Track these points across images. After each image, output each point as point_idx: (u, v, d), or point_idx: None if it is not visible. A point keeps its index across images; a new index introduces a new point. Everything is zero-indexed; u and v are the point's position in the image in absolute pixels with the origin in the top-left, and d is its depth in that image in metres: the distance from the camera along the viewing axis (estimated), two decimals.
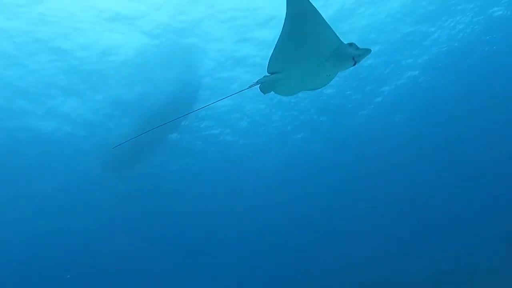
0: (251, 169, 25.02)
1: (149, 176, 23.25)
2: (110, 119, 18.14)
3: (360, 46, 4.02)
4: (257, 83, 4.19)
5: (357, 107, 20.55)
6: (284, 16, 3.58)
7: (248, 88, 4.28)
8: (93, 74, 15.27)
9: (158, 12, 13.00)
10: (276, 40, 3.77)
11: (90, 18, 12.72)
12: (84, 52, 14.15)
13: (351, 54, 3.93)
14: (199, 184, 25.56)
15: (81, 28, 13.05)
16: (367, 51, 4.01)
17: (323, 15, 3.57)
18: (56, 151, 19.54)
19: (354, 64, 4.00)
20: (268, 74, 4.12)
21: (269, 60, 3.94)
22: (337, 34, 3.81)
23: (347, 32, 14.44)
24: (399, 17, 14.82)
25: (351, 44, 3.99)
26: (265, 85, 4.23)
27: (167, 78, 16.53)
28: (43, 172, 21.09)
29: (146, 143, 18.90)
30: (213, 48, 15.09)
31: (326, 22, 3.62)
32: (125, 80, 15.93)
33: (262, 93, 4.35)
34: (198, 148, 21.99)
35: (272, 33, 13.98)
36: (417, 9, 14.64)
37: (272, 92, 4.41)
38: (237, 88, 16.35)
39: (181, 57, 15.22)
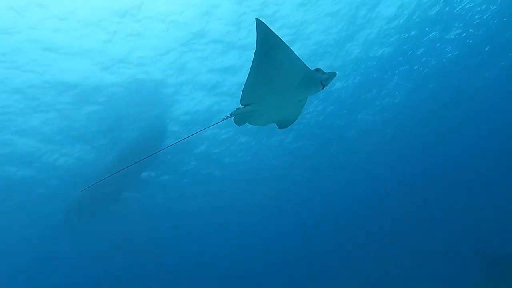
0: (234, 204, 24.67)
1: (122, 217, 22.55)
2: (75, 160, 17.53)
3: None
4: (231, 115, 4.20)
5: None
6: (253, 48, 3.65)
7: (221, 121, 4.28)
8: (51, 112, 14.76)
9: (114, 47, 12.90)
10: (247, 72, 3.83)
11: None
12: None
13: (319, 79, 4.06)
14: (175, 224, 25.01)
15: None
16: (333, 74, 4.16)
17: None
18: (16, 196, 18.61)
19: (323, 88, 4.13)
20: (242, 106, 4.14)
21: (242, 93, 4.00)
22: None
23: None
24: None
25: (317, 70, 4.14)
26: (239, 117, 4.25)
27: (134, 115, 16.27)
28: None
29: (117, 183, 18.35)
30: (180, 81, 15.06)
31: (293, 52, 3.73)
32: (89, 115, 15.52)
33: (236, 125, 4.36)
34: (176, 184, 21.55)
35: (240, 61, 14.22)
36: None
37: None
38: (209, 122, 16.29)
39: (147, 94, 15.07)
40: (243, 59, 14.25)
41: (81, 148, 17.06)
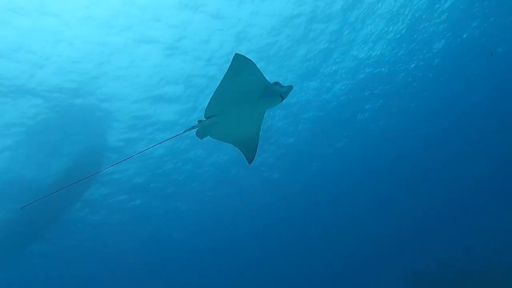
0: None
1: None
2: None
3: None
4: (193, 127, 4.20)
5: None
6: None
7: (183, 132, 4.28)
8: None
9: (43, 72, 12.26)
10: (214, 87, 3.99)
11: None
12: None
13: (279, 92, 4.25)
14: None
15: None
16: (290, 87, 4.40)
17: None
18: None
19: (282, 101, 4.32)
20: (204, 119, 4.18)
21: (207, 106, 4.13)
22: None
23: None
24: None
25: (276, 83, 4.35)
26: (201, 130, 4.27)
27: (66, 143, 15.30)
28: None
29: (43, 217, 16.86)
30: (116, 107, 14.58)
31: (258, 68, 3.92)
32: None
33: (199, 139, 4.39)
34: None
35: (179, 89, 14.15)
36: None
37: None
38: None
39: (80, 120, 14.31)
40: None
41: None
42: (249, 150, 4.78)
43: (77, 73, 12.77)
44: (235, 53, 3.72)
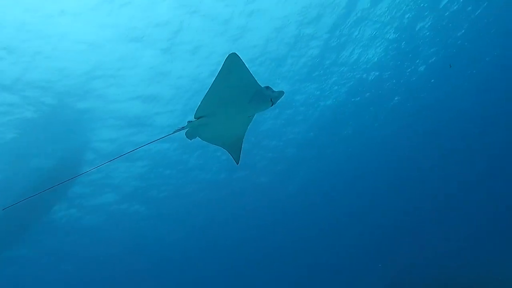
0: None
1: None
2: None
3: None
4: (183, 128, 4.22)
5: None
6: None
7: (173, 133, 4.28)
8: None
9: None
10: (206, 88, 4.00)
11: None
12: None
13: (269, 96, 4.31)
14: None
15: None
16: (281, 93, 4.45)
17: None
18: None
19: (272, 105, 4.37)
20: (194, 119, 4.20)
21: (199, 106, 4.11)
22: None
23: None
24: None
25: (267, 88, 4.39)
26: (191, 130, 4.28)
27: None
28: None
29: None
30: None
31: (249, 71, 3.96)
32: None
33: (188, 140, 4.40)
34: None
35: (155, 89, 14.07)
36: None
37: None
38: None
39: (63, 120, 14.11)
40: None
41: None
42: (236, 151, 4.83)
43: (60, 74, 12.49)
44: (231, 53, 3.72)
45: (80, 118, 14.40)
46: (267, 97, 4.32)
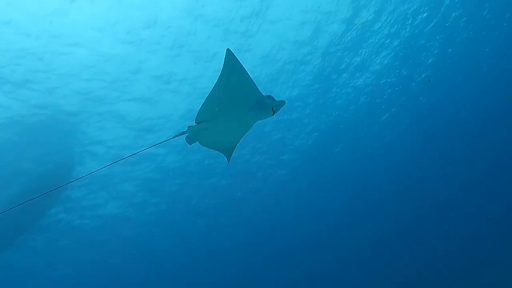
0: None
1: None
2: None
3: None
4: (183, 132, 4.20)
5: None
6: None
7: (173, 137, 4.26)
8: None
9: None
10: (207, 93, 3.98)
11: None
12: None
13: (270, 105, 4.28)
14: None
15: None
16: (283, 102, 4.42)
17: None
18: None
19: (273, 114, 4.34)
20: (195, 124, 4.18)
21: (199, 111, 4.10)
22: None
23: None
24: None
25: (269, 96, 4.37)
26: (191, 135, 4.26)
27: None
28: None
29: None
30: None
31: (251, 77, 3.95)
32: None
33: (188, 144, 4.39)
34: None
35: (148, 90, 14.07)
36: None
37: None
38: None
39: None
40: None
41: None
42: (230, 153, 4.80)
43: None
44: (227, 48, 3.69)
45: (74, 121, 14.30)
46: (268, 105, 4.29)
